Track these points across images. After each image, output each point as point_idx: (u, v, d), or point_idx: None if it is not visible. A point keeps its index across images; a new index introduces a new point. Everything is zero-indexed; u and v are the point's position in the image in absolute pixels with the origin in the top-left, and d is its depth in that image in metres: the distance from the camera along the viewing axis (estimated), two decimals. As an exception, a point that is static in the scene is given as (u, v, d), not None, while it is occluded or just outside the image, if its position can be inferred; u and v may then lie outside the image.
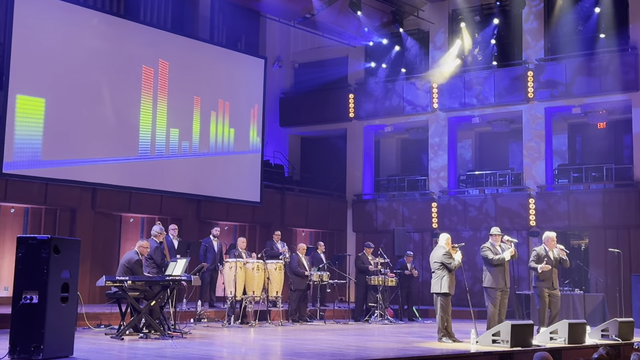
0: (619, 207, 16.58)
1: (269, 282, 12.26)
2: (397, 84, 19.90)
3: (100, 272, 12.32)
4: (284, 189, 18.89)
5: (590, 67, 17.28)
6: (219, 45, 17.77)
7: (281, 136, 21.46)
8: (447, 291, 9.61)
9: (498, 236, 10.40)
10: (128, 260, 9.83)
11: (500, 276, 10.13)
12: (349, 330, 11.76)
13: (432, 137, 19.37)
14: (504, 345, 8.84)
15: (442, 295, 9.63)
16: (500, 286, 10.13)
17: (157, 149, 15.50)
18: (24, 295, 6.76)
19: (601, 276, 15.90)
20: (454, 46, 18.94)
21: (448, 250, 9.72)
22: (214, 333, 10.51)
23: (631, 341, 10.21)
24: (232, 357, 7.97)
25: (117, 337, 9.10)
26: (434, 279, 9.75)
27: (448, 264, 9.61)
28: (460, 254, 9.79)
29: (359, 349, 8.65)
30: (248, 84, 17.73)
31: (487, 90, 18.50)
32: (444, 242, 9.82)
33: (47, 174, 13.65)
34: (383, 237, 18.37)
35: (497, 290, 10.13)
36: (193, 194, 16.21)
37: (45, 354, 6.68)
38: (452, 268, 9.61)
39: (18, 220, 13.95)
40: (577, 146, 19.56)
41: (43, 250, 6.81)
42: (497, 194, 18.38)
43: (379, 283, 13.81)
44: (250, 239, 16.27)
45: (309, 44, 21.45)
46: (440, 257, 9.68)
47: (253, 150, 17.67)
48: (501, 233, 10.54)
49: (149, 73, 15.43)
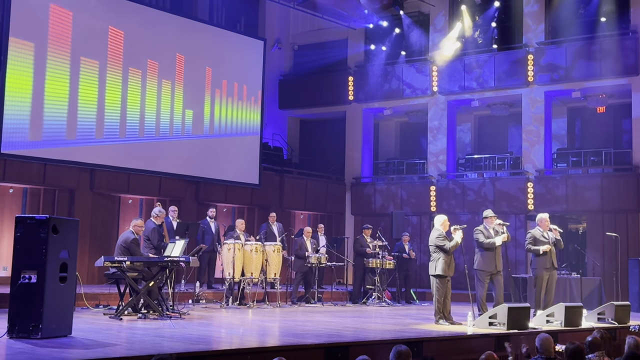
0: (617, 192, 16.61)
1: (267, 264, 12.30)
2: (397, 66, 19.83)
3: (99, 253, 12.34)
4: (283, 172, 18.89)
5: (591, 50, 17.22)
6: (218, 27, 17.68)
7: (280, 118, 21.43)
8: (441, 273, 9.61)
9: (492, 218, 10.42)
10: (125, 240, 9.87)
11: (491, 259, 10.18)
12: (346, 312, 11.81)
13: (431, 120, 19.34)
14: (500, 327, 8.89)
15: (437, 277, 9.65)
16: (490, 269, 10.18)
17: (156, 130, 15.47)
18: (23, 274, 6.77)
19: (598, 260, 15.95)
20: (454, 29, 18.84)
21: (442, 233, 9.73)
22: (212, 314, 10.55)
23: (627, 325, 10.26)
24: (230, 337, 8.01)
25: (116, 317, 9.14)
26: (430, 262, 9.78)
27: (442, 246, 9.61)
28: (461, 235, 9.80)
29: (357, 331, 8.70)
30: (247, 65, 17.67)
31: (486, 74, 18.45)
32: (440, 224, 9.81)
33: (46, 155, 13.65)
34: (381, 220, 18.39)
35: (486, 273, 10.19)
36: (192, 176, 16.21)
37: (43, 333, 6.70)
38: (447, 249, 9.61)
39: (17, 201, 13.96)
40: (577, 130, 19.55)
41: (41, 230, 6.82)
42: (495, 178, 18.39)
43: (377, 265, 13.85)
44: (248, 221, 16.29)
45: (309, 26, 21.36)
46: (434, 239, 9.70)
47: (252, 132, 17.65)
48: (494, 215, 10.56)
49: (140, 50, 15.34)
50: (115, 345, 6.68)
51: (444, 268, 9.61)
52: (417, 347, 7.39)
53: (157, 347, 6.48)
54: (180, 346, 6.59)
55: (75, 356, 5.76)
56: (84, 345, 6.57)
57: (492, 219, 10.41)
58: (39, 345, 6.34)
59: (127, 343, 7.02)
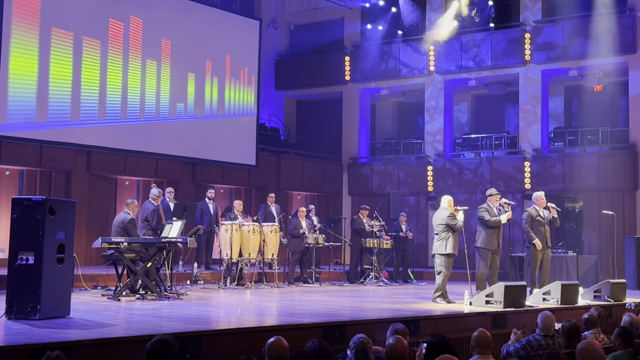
0: (614, 170, 16.63)
1: (265, 244, 12.32)
2: (394, 46, 19.74)
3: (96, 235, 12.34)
4: (280, 152, 18.87)
5: (588, 29, 17.14)
6: (214, 7, 17.55)
7: (277, 99, 21.36)
8: (451, 252, 9.68)
9: (496, 196, 10.45)
10: (121, 220, 9.88)
11: (494, 237, 10.25)
12: (344, 292, 11.86)
13: (428, 100, 19.29)
14: (497, 306, 8.93)
15: (446, 256, 9.71)
16: (493, 247, 10.26)
17: (152, 111, 15.43)
18: (20, 256, 6.77)
19: (595, 238, 16.00)
20: (451, 8, 18.74)
21: (452, 212, 9.76)
22: (210, 294, 10.58)
23: (623, 302, 10.33)
24: (228, 317, 8.04)
25: (114, 298, 9.16)
26: (437, 241, 9.75)
27: (453, 224, 9.65)
28: (463, 216, 9.84)
29: (354, 310, 8.73)
30: (243, 46, 17.57)
31: (483, 53, 18.38)
32: (447, 204, 9.83)
33: (42, 136, 13.61)
34: (378, 200, 18.41)
35: (489, 251, 10.26)
36: (188, 157, 16.19)
37: (42, 314, 6.72)
38: (457, 229, 9.67)
39: (13, 183, 13.94)
40: (573, 109, 19.53)
41: (38, 211, 6.81)
42: (492, 157, 18.39)
43: (374, 245, 13.89)
44: (245, 202, 16.28)
45: (305, 5, 21.22)
46: (445, 218, 9.69)
47: (248, 113, 17.61)
48: (498, 193, 10.59)
49: (138, 32, 15.25)
50: (113, 325, 6.71)
51: (454, 246, 9.70)
52: (414, 326, 7.43)
53: (156, 327, 6.51)
54: (178, 326, 6.61)
55: (74, 337, 5.78)
56: (82, 325, 6.59)
57: (495, 196, 10.44)
58: (37, 326, 6.35)
59: (125, 323, 7.04)
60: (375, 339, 6.76)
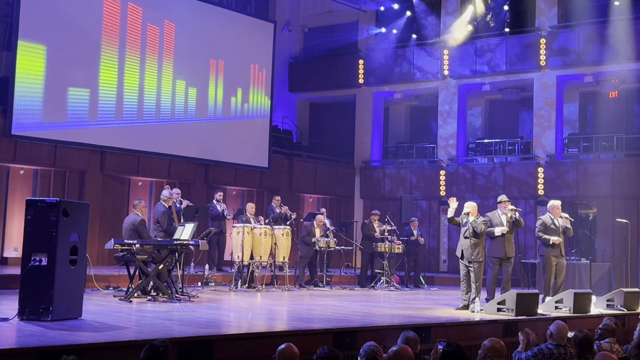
0: (628, 177, 16.51)
1: (276, 247, 12.32)
2: (408, 50, 19.71)
3: (109, 235, 12.41)
4: (292, 155, 18.87)
5: (604, 35, 17.05)
6: (228, 9, 17.60)
7: (290, 101, 21.37)
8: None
9: (505, 203, 10.37)
10: (132, 222, 9.91)
11: (500, 246, 10.11)
12: (354, 297, 11.83)
13: (441, 104, 19.24)
14: (509, 314, 8.87)
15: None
16: (500, 255, 10.12)
17: (167, 113, 15.49)
18: (33, 257, 6.80)
19: (608, 246, 15.89)
20: (466, 12, 18.70)
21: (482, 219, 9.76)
22: (221, 297, 10.60)
23: (636, 311, 10.24)
24: (238, 321, 8.04)
25: (126, 300, 9.19)
26: (481, 245, 9.73)
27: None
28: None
29: (365, 316, 8.71)
30: (257, 48, 17.60)
31: (498, 58, 18.31)
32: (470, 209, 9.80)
33: (56, 136, 13.69)
34: (390, 204, 18.37)
35: (496, 259, 10.14)
36: (201, 159, 16.23)
37: (54, 315, 6.74)
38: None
39: (27, 182, 14.02)
40: (588, 115, 19.42)
41: (52, 213, 6.83)
42: (506, 163, 18.31)
43: (385, 250, 13.85)
44: (257, 204, 16.27)
45: (319, 8, 21.23)
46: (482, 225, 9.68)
47: (262, 115, 17.63)
48: (508, 200, 10.50)
49: (154, 33, 15.32)
50: (125, 328, 6.72)
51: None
52: (425, 333, 7.40)
53: (167, 330, 6.52)
54: (189, 330, 6.62)
55: (85, 339, 5.79)
56: (93, 328, 6.61)
57: (505, 203, 10.36)
58: (49, 327, 6.38)
59: (136, 326, 7.06)
60: (386, 345, 6.71)
